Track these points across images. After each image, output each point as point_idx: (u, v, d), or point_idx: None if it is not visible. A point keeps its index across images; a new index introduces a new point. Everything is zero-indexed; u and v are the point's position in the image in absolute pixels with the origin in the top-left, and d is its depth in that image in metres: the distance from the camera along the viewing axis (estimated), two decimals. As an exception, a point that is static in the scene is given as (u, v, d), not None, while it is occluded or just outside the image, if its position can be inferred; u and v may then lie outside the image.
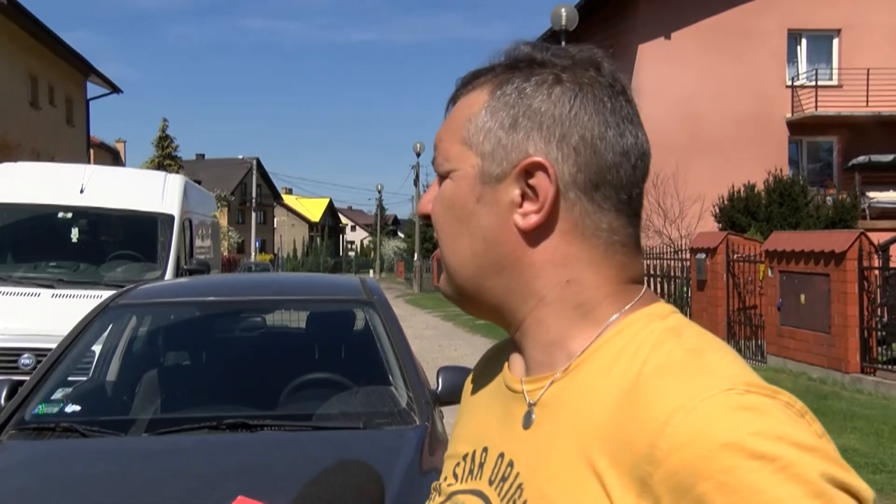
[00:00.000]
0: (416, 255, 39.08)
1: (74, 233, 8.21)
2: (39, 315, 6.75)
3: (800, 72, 20.24)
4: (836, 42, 20.30)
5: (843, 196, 17.31)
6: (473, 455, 0.88)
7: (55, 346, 3.48)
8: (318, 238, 75.61)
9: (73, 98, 25.44)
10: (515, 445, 0.81)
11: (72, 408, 3.30)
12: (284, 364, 3.78)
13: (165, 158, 51.51)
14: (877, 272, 9.73)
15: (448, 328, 16.83)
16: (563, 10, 12.67)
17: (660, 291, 15.09)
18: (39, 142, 20.68)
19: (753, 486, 0.62)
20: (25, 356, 6.45)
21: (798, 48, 20.38)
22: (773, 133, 19.78)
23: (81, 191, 8.20)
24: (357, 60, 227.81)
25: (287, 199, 79.59)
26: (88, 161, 24.91)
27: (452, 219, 0.84)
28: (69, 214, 8.17)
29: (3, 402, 3.10)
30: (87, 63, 24.46)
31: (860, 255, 9.58)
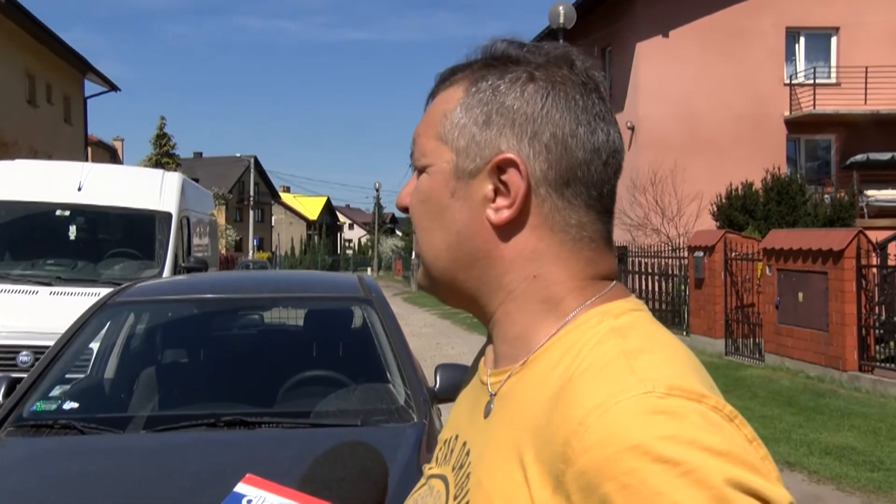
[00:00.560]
0: (414, 254, 39.11)
1: (72, 230, 8.21)
2: (37, 312, 6.75)
3: (798, 70, 20.23)
4: (835, 40, 20.30)
5: (841, 194, 17.31)
6: (449, 441, 0.91)
7: (53, 344, 3.48)
8: (316, 236, 75.61)
9: (71, 96, 25.40)
10: (475, 434, 0.84)
11: (70, 405, 3.29)
12: (282, 361, 3.78)
13: (163, 156, 51.48)
14: (875, 270, 9.74)
15: (446, 326, 16.84)
16: (561, 8, 12.65)
17: (658, 289, 15.10)
18: (37, 140, 20.65)
19: (655, 489, 0.62)
20: (23, 353, 6.45)
21: (796, 46, 20.37)
22: (771, 131, 19.78)
23: (79, 189, 8.20)
24: (354, 59, 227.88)
25: (285, 198, 79.54)
26: (86, 159, 24.91)
27: (428, 212, 0.86)
28: (67, 212, 8.17)
29: (2, 399, 3.11)
30: (85, 61, 24.41)
31: (858, 254, 9.60)
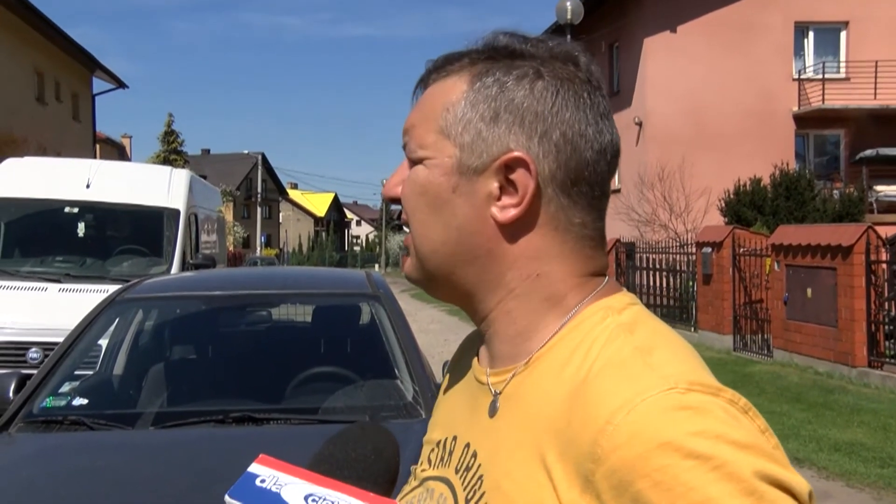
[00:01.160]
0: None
1: (81, 227, 8.23)
2: (47, 309, 6.78)
3: (806, 65, 20.14)
4: (844, 35, 20.19)
5: (850, 190, 17.22)
6: (445, 442, 0.90)
7: (62, 340, 3.49)
8: (324, 233, 75.71)
9: (80, 93, 25.46)
10: (479, 436, 0.83)
11: (79, 401, 3.31)
12: (290, 358, 3.79)
13: (171, 153, 51.58)
14: (884, 266, 9.68)
15: (453, 322, 16.84)
16: (569, 4, 12.62)
17: (666, 285, 15.07)
18: (46, 137, 20.71)
19: (687, 485, 0.64)
20: (33, 350, 6.48)
21: (805, 41, 20.27)
22: (780, 126, 19.70)
23: (87, 186, 8.22)
24: (359, 55, 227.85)
25: (292, 194, 79.64)
26: (94, 156, 25.00)
27: (425, 206, 0.84)
28: (75, 209, 8.19)
29: (12, 396, 3.12)
30: (93, 59, 24.48)
31: (867, 249, 9.55)
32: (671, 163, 17.71)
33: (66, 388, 3.37)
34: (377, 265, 57.49)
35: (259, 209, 56.83)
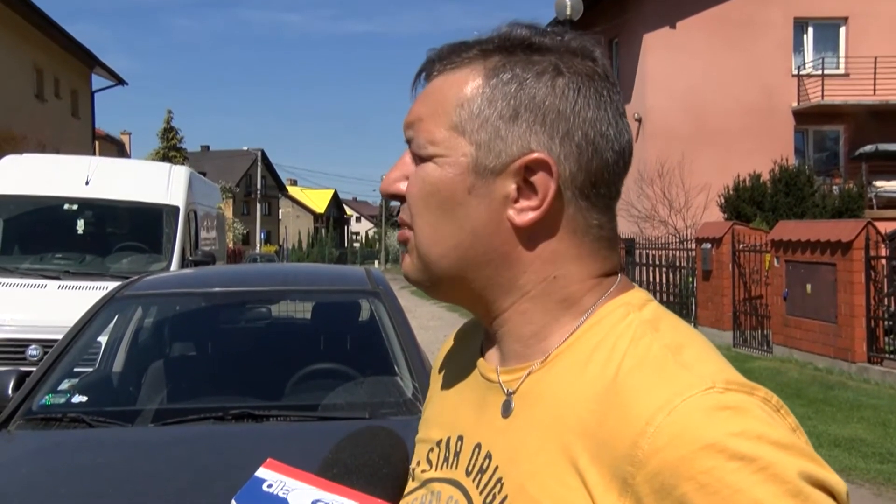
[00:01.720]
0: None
1: (80, 224, 8.23)
2: (46, 306, 6.78)
3: (806, 60, 20.13)
4: (843, 30, 20.18)
5: (850, 185, 17.22)
6: (448, 442, 0.86)
7: (61, 338, 3.49)
8: (323, 229, 75.67)
9: (79, 90, 25.43)
10: (493, 436, 0.79)
11: (78, 398, 3.31)
12: (290, 354, 3.79)
13: (170, 150, 51.51)
14: (884, 262, 9.69)
15: (453, 319, 16.83)
16: (568, 0, 12.59)
17: (665, 281, 15.07)
18: (45, 134, 20.69)
19: (733, 487, 0.63)
20: (32, 347, 6.47)
21: (804, 37, 20.25)
22: (779, 122, 19.69)
23: (87, 183, 8.22)
24: (359, 52, 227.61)
25: (292, 191, 79.58)
26: (94, 153, 24.98)
27: (436, 206, 0.79)
28: (75, 206, 8.19)
29: (11, 393, 3.12)
30: (93, 55, 24.44)
31: (867, 245, 9.55)
32: (671, 159, 17.71)
33: (66, 386, 3.36)
34: (377, 262, 57.48)
35: (258, 206, 56.78)
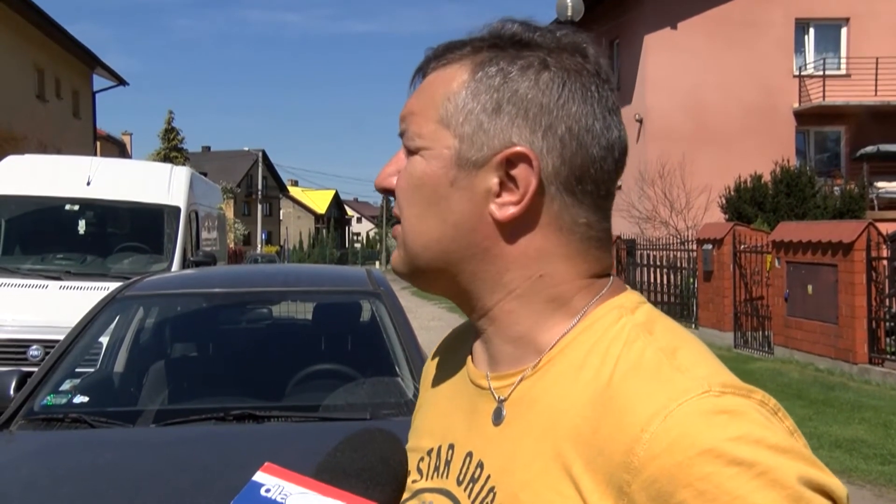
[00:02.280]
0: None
1: (81, 225, 8.24)
2: (47, 307, 6.78)
3: (807, 61, 20.12)
4: (845, 31, 20.17)
5: (851, 186, 17.22)
6: (439, 451, 0.84)
7: (63, 338, 3.49)
8: (324, 230, 75.72)
9: (80, 90, 25.44)
10: (484, 444, 0.78)
11: (80, 399, 3.31)
12: (291, 355, 3.79)
13: (171, 151, 51.52)
14: (885, 262, 9.68)
15: (454, 319, 16.84)
16: (569, 1, 12.60)
17: (666, 282, 15.07)
18: (46, 134, 20.70)
19: (732, 493, 0.61)
20: (34, 348, 6.48)
21: (805, 37, 20.25)
22: (780, 123, 19.69)
23: (88, 183, 8.22)
24: (361, 51, 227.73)
25: (293, 191, 79.61)
26: (95, 153, 24.98)
27: (421, 199, 0.79)
28: (76, 207, 8.19)
29: (13, 394, 3.12)
30: (94, 56, 24.45)
31: (868, 246, 9.55)
32: (672, 159, 17.71)
33: (67, 386, 3.36)
34: (378, 262, 57.51)
35: (260, 206, 56.81)
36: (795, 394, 8.81)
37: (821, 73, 19.57)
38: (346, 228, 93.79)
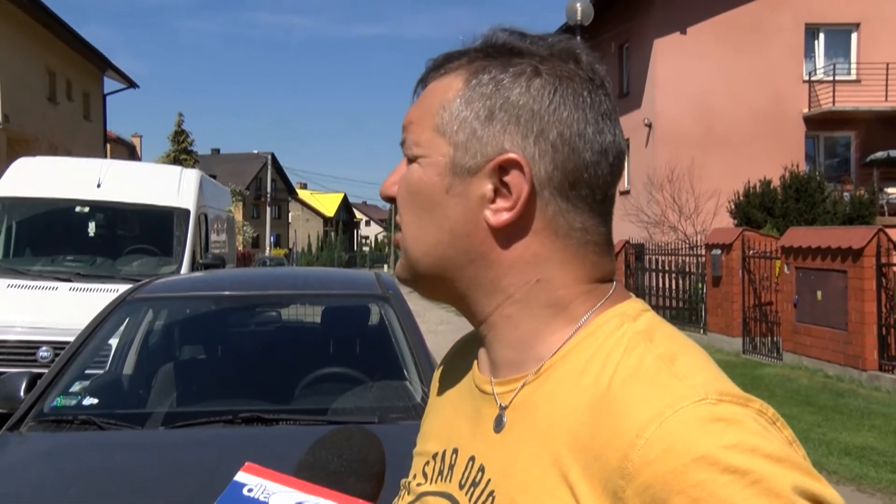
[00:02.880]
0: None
1: (91, 227, 8.27)
2: (57, 308, 6.82)
3: (817, 66, 20.06)
4: (855, 36, 20.10)
5: (861, 192, 17.14)
6: (443, 455, 0.85)
7: (73, 340, 3.51)
8: (333, 233, 75.81)
9: (90, 93, 25.58)
10: (486, 449, 0.79)
11: (89, 400, 3.32)
12: (299, 358, 3.80)
13: (181, 153, 51.73)
14: (895, 269, 9.64)
15: (462, 323, 16.77)
16: (579, 5, 12.59)
17: (675, 287, 15.03)
18: (57, 136, 20.81)
19: (726, 501, 0.61)
20: (43, 349, 6.51)
21: (815, 42, 20.19)
22: (790, 128, 19.63)
23: (98, 185, 8.26)
24: (370, 54, 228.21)
25: (302, 194, 79.78)
26: (105, 156, 25.11)
27: (417, 206, 0.81)
28: (86, 209, 8.23)
29: (23, 395, 3.13)
30: (104, 58, 24.59)
31: (878, 252, 9.51)
32: (681, 164, 17.67)
33: (77, 388, 3.37)
34: (386, 266, 57.53)
35: (269, 209, 56.94)
36: (804, 400, 8.77)
37: (831, 79, 19.50)
38: (355, 231, 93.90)
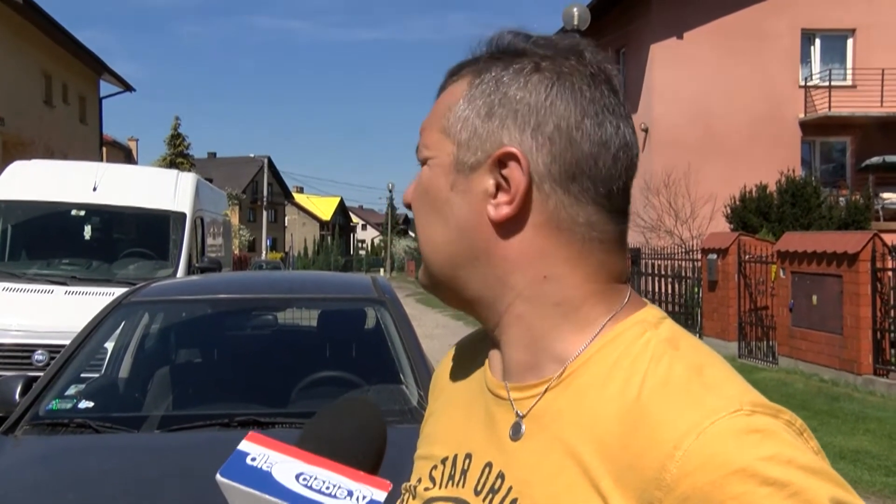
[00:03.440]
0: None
1: (87, 230, 8.27)
2: (53, 312, 6.80)
3: (813, 72, 20.12)
4: (850, 42, 20.17)
5: (856, 197, 17.20)
6: (455, 460, 0.84)
7: (68, 343, 3.50)
8: (329, 237, 75.76)
9: (87, 96, 25.56)
10: (505, 456, 0.78)
11: (85, 404, 3.31)
12: (296, 362, 3.79)
13: (177, 157, 51.65)
14: (890, 273, 9.66)
15: (458, 327, 16.83)
16: (576, 10, 12.61)
17: (671, 292, 15.05)
18: (53, 139, 20.79)
19: None
20: (39, 352, 6.50)
21: (811, 48, 20.26)
22: (786, 133, 19.68)
23: (94, 189, 8.25)
24: (367, 59, 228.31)
25: (298, 198, 79.75)
26: (101, 159, 25.08)
27: (427, 206, 0.83)
28: (82, 212, 8.23)
29: (18, 398, 3.13)
30: (101, 62, 24.57)
31: (873, 257, 9.53)
32: (677, 169, 17.70)
33: (72, 391, 3.37)
34: (382, 269, 57.51)
35: (265, 213, 56.91)
36: (800, 404, 8.78)
37: (826, 84, 19.56)
38: (351, 235, 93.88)
